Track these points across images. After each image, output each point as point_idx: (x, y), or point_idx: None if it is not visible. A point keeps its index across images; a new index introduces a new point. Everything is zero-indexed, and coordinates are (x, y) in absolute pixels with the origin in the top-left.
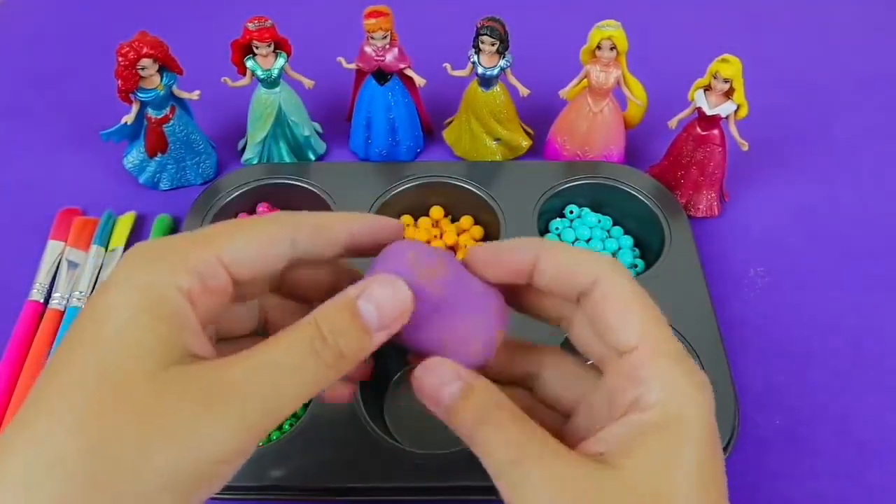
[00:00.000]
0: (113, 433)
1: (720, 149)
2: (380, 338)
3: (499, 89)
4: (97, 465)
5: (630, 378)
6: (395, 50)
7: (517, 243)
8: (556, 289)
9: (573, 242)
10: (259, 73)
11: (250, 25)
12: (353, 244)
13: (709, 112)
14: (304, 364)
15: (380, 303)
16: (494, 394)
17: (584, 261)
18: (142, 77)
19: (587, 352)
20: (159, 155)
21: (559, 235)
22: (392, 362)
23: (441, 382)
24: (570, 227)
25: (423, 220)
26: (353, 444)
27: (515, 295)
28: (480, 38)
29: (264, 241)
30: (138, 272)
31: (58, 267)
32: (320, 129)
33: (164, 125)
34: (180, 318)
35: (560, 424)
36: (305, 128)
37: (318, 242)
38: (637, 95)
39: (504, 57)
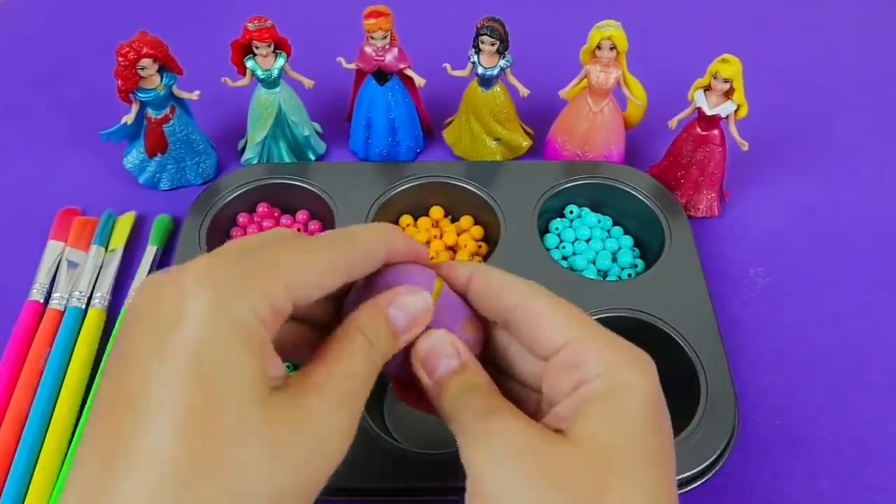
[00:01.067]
0: (241, 468)
1: (720, 149)
2: (406, 339)
3: (499, 89)
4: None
5: (567, 366)
6: (395, 50)
7: (459, 264)
8: (485, 310)
9: (573, 243)
10: (259, 73)
11: (250, 25)
12: (388, 262)
13: (709, 112)
14: (368, 371)
15: (408, 310)
16: (483, 375)
17: (507, 284)
18: (142, 77)
19: (531, 379)
20: (159, 155)
21: (559, 235)
22: None
23: (442, 354)
24: (570, 227)
25: (423, 220)
26: (353, 444)
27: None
28: (480, 38)
29: (326, 271)
30: (221, 301)
31: (58, 267)
32: (320, 129)
33: (164, 125)
34: (265, 348)
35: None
36: (305, 128)
37: (366, 269)
38: (637, 95)
39: (504, 57)
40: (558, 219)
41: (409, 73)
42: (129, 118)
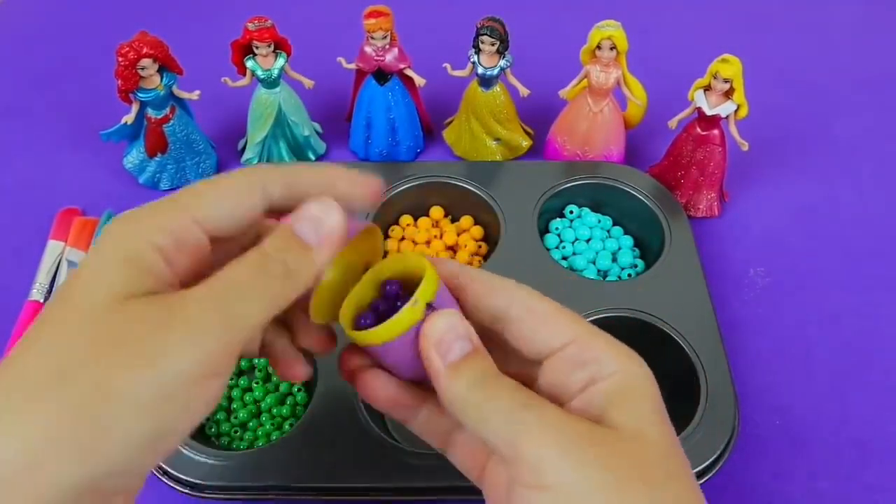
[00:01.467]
0: (80, 359)
1: (720, 149)
2: (323, 253)
3: (499, 89)
4: (70, 392)
5: (574, 363)
6: (395, 50)
7: (449, 261)
8: (479, 308)
9: (573, 243)
10: (259, 73)
11: (250, 25)
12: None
13: (709, 112)
14: (255, 279)
15: (314, 221)
16: (492, 361)
17: (500, 283)
18: (142, 77)
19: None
20: (159, 155)
21: (559, 235)
22: None
23: (457, 337)
24: (570, 227)
25: (423, 220)
26: (353, 444)
27: None
28: (480, 38)
29: (234, 195)
30: (116, 231)
31: (58, 267)
32: (320, 129)
33: (164, 125)
34: (147, 265)
35: None
36: (305, 128)
37: (289, 194)
38: (637, 95)
39: (504, 57)
40: (558, 219)
41: (409, 73)
42: (129, 118)
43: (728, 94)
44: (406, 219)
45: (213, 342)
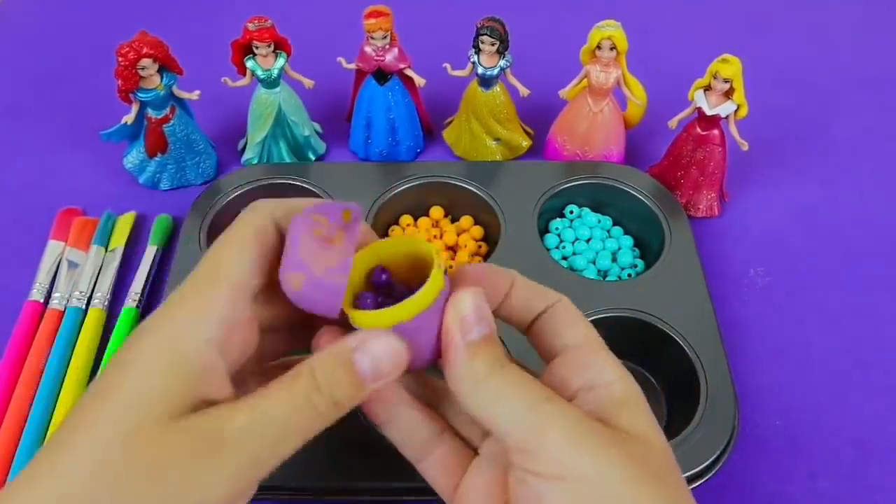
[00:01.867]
0: (121, 489)
1: (720, 149)
2: (374, 387)
3: (499, 89)
4: None
5: (580, 366)
6: (395, 50)
7: (499, 269)
8: (520, 308)
9: (573, 243)
10: (259, 73)
11: (250, 25)
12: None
13: (709, 112)
14: (297, 415)
15: (376, 357)
16: (504, 351)
17: (544, 290)
18: (142, 77)
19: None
20: (159, 155)
21: (559, 235)
22: None
23: (480, 317)
24: (570, 227)
25: (423, 220)
26: (354, 444)
27: None
28: (480, 38)
29: (250, 247)
30: (167, 326)
31: (58, 267)
32: (320, 129)
33: (164, 125)
34: (201, 370)
35: None
36: (305, 128)
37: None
38: (637, 95)
39: (504, 57)
40: (558, 219)
41: (409, 73)
42: (129, 118)
43: (728, 94)
44: (406, 219)
45: (244, 479)
